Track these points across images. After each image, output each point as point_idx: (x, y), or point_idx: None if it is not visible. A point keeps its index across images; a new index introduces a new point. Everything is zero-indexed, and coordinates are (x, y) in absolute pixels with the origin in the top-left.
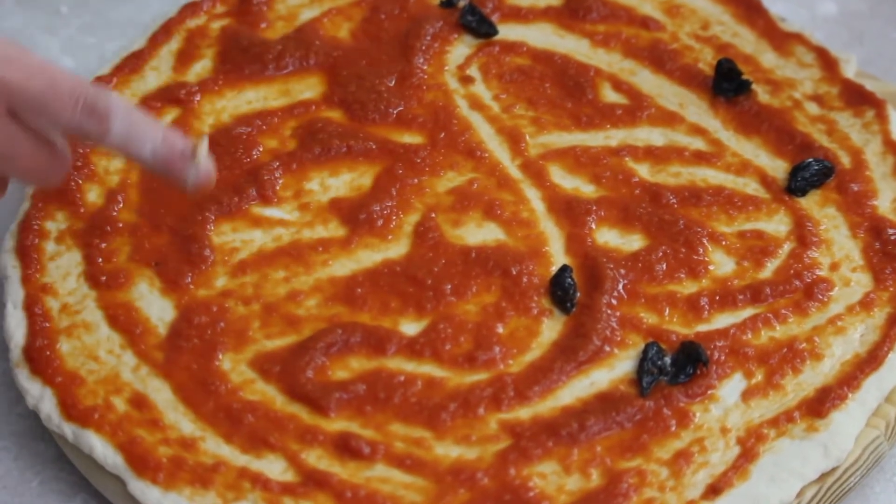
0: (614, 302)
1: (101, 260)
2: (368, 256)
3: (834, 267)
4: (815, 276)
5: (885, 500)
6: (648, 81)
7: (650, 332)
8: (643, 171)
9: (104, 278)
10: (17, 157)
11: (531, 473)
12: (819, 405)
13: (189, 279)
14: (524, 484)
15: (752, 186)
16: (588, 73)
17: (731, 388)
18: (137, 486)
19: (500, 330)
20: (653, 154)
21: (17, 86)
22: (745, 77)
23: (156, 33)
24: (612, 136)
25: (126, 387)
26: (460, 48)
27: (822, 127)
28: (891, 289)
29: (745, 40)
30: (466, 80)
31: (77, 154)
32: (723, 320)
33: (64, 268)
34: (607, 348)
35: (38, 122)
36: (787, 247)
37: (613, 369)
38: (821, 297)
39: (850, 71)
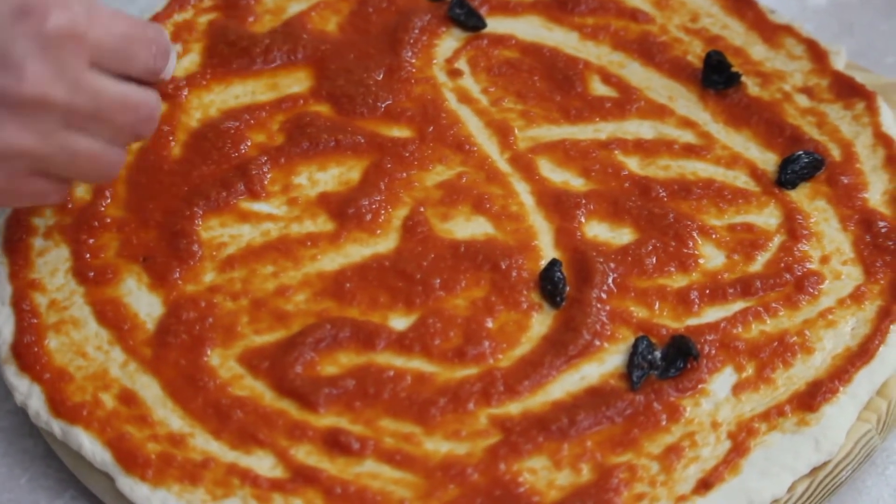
0: (604, 296)
1: (88, 255)
2: (357, 251)
3: (824, 260)
4: (805, 270)
5: (876, 494)
6: (638, 74)
7: (640, 326)
8: (632, 164)
9: (92, 274)
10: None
11: (521, 468)
12: (810, 399)
13: (177, 274)
14: (514, 479)
15: (741, 179)
16: (577, 66)
17: (721, 382)
18: (126, 483)
19: (490, 324)
20: (642, 147)
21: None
22: (734, 69)
23: None
24: (601, 130)
25: (114, 383)
26: (448, 41)
27: (812, 119)
28: (881, 282)
29: (735, 32)
30: (455, 74)
31: None
32: (713, 314)
33: (52, 263)
34: (597, 342)
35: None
36: (777, 240)
37: (603, 364)
38: (811, 290)
39: (839, 63)
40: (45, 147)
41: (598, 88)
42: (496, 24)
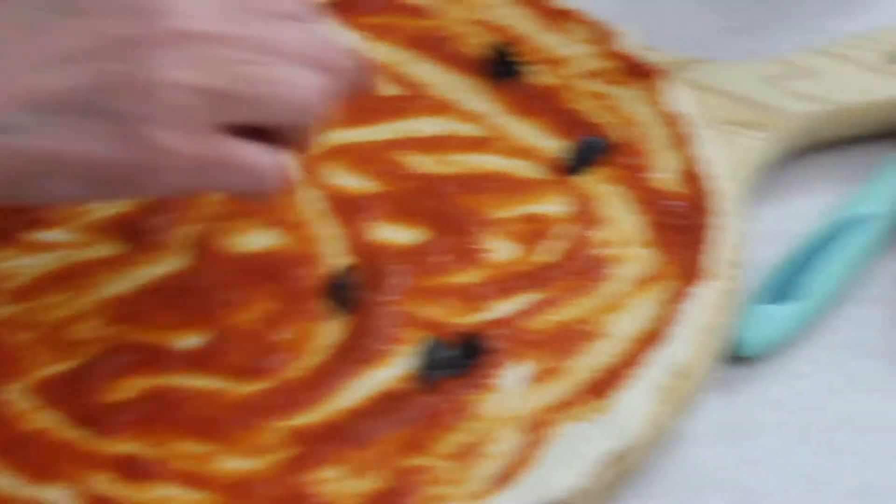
0: (394, 299)
1: None
2: (147, 272)
3: (616, 244)
4: (596, 255)
5: (671, 479)
6: (422, 70)
7: (429, 326)
8: (420, 162)
9: None
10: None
11: (317, 479)
12: (604, 386)
13: None
14: (310, 490)
15: (529, 169)
16: None
17: (512, 376)
18: None
19: (280, 337)
20: (429, 144)
21: None
22: (518, 59)
23: None
24: (387, 130)
25: None
26: None
27: (599, 103)
28: (674, 263)
29: (518, 21)
30: None
31: None
32: (502, 308)
33: None
34: (387, 347)
35: None
36: (566, 227)
37: (394, 367)
38: (603, 275)
39: (627, 45)
40: (219, 79)
41: (384, 88)
42: None
